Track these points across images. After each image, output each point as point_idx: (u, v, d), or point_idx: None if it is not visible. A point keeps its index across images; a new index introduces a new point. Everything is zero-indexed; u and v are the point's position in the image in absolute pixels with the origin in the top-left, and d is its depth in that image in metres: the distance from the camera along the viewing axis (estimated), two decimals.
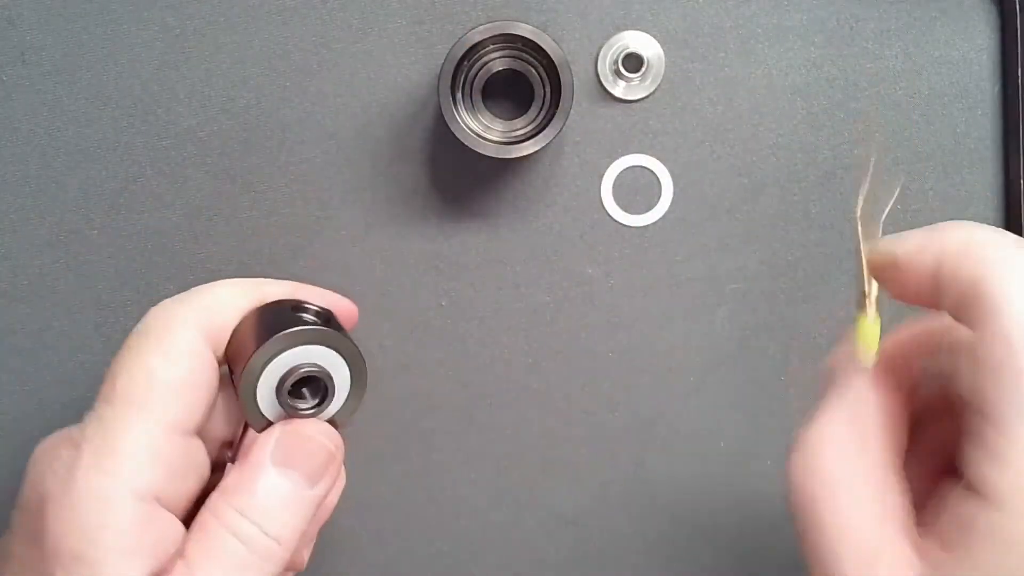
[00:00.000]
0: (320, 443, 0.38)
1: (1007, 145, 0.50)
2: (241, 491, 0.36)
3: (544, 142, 0.45)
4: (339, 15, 0.49)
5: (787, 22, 0.50)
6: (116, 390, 0.36)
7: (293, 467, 0.37)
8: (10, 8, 0.49)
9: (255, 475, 0.37)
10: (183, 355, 0.36)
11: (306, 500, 0.37)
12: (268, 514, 0.36)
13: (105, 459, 0.35)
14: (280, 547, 0.36)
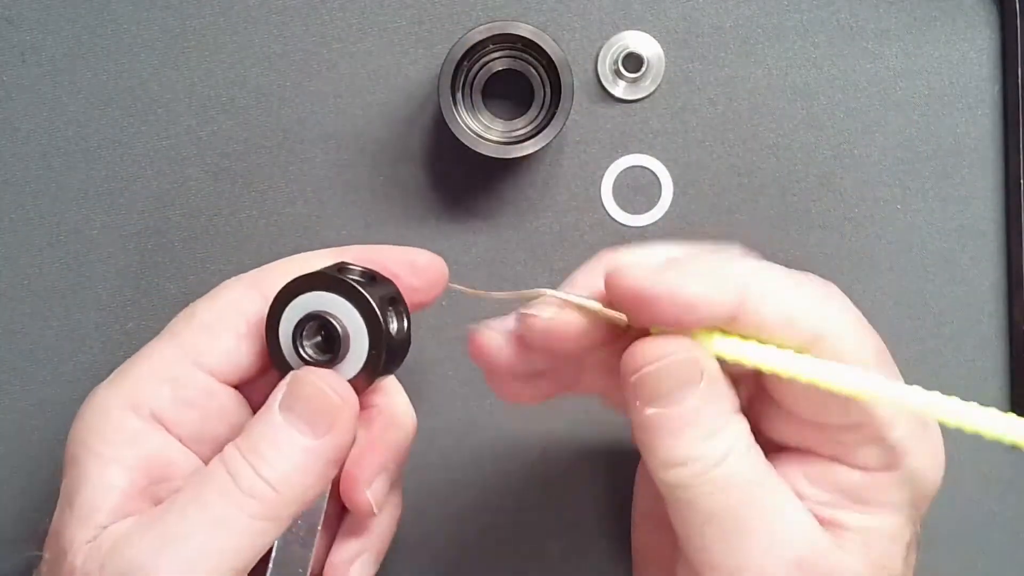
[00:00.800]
0: (321, 391, 0.37)
1: (1007, 145, 0.50)
2: (246, 432, 0.36)
3: (544, 142, 0.45)
4: (339, 15, 0.49)
5: (787, 22, 0.50)
6: (165, 330, 0.39)
7: (296, 413, 0.36)
8: (10, 8, 0.49)
9: (260, 417, 0.37)
10: (228, 304, 0.38)
11: (308, 450, 0.36)
12: (263, 455, 0.35)
13: (120, 375, 0.38)
14: (272, 491, 0.35)
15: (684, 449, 0.33)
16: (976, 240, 0.50)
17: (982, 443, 0.50)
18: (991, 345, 0.51)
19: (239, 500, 0.35)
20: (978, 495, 0.51)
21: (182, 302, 0.49)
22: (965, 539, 0.51)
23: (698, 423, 0.33)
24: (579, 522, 0.51)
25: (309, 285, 0.37)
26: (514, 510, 0.51)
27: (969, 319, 0.51)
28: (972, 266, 0.50)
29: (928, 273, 0.50)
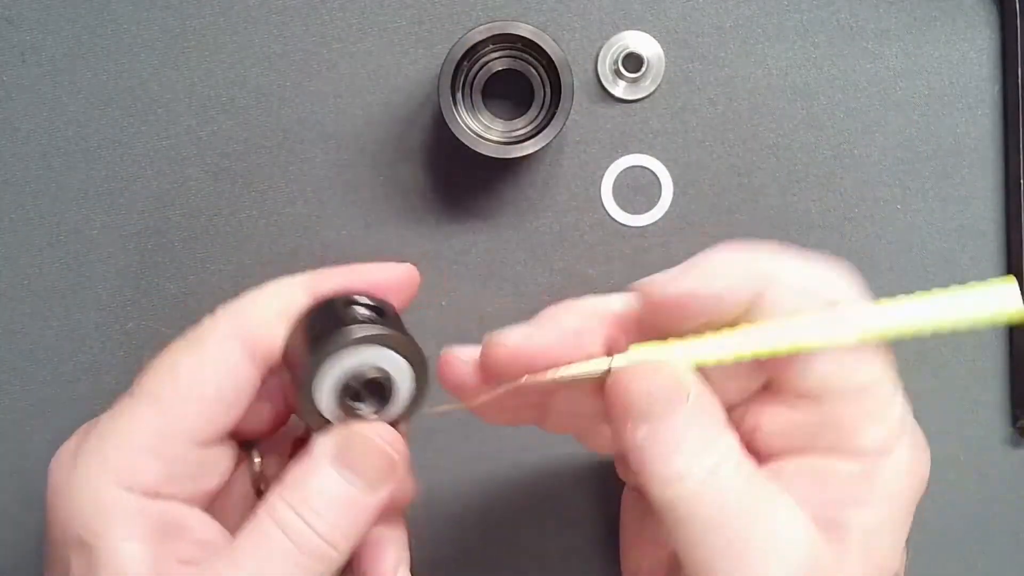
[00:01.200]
0: (380, 447, 0.36)
1: (1007, 145, 0.50)
2: (296, 487, 0.36)
3: (544, 142, 0.45)
4: (339, 15, 0.50)
5: (787, 22, 0.50)
6: (140, 385, 0.36)
7: (351, 469, 0.36)
8: (10, 8, 0.49)
9: (311, 472, 0.36)
10: (213, 362, 0.36)
11: (363, 505, 0.36)
12: (320, 513, 0.35)
13: (99, 443, 0.35)
14: (332, 550, 0.35)
15: (677, 465, 0.33)
16: (976, 240, 0.50)
17: (982, 443, 0.51)
18: (991, 345, 0.51)
19: (301, 561, 0.35)
20: (978, 495, 0.51)
21: (182, 302, 0.49)
22: (965, 539, 0.51)
23: (689, 438, 0.33)
24: (580, 521, 0.51)
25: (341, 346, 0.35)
26: (515, 508, 0.51)
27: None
28: (972, 266, 0.50)
29: (928, 273, 0.50)
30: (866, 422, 0.34)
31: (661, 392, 0.34)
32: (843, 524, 0.34)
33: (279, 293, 0.38)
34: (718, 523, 0.33)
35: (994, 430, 0.51)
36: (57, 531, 0.35)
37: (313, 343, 0.35)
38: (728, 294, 0.34)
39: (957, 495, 0.51)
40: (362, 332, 0.35)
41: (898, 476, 0.34)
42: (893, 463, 0.34)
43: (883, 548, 0.34)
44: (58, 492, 0.35)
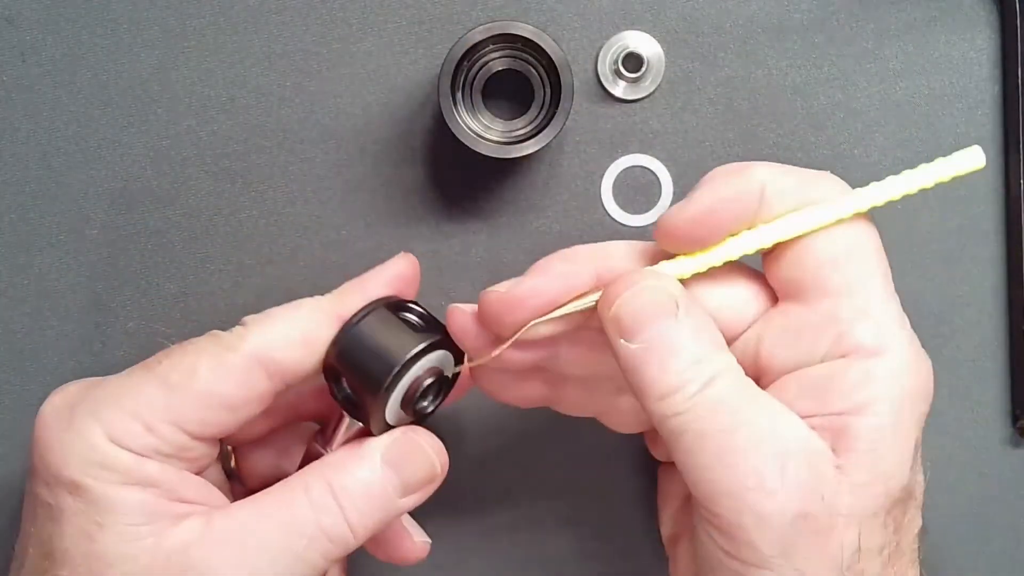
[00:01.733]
0: (429, 457, 0.39)
1: (1007, 145, 0.50)
2: (340, 470, 0.37)
3: (544, 142, 0.45)
4: (339, 15, 0.50)
5: (787, 22, 0.50)
6: (158, 366, 0.37)
7: (397, 471, 0.38)
8: (10, 8, 0.49)
9: (359, 462, 0.37)
10: (231, 377, 0.37)
11: (393, 506, 0.38)
12: (354, 501, 0.37)
13: (98, 401, 0.36)
14: (352, 537, 0.37)
15: (671, 377, 0.34)
16: (976, 241, 0.50)
17: (982, 443, 0.51)
18: (991, 345, 0.51)
19: (319, 541, 0.36)
20: (978, 495, 0.51)
21: (182, 302, 0.49)
22: (965, 539, 0.51)
23: (682, 351, 0.34)
24: (580, 521, 0.51)
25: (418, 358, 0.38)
26: (515, 508, 0.51)
27: (969, 319, 0.51)
28: (972, 266, 0.50)
29: (928, 273, 0.50)
30: (858, 316, 0.35)
31: (650, 305, 0.35)
32: (847, 432, 0.34)
33: (305, 317, 0.39)
34: (713, 432, 0.34)
35: (994, 430, 0.51)
36: (48, 474, 0.36)
37: (388, 355, 0.37)
38: (736, 204, 0.36)
39: (957, 495, 0.51)
40: (429, 339, 0.38)
41: (896, 377, 0.35)
42: (889, 363, 0.35)
43: (889, 456, 0.35)
44: (52, 438, 0.36)
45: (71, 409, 0.37)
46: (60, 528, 0.36)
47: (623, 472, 0.51)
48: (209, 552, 0.35)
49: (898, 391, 0.35)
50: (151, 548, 0.35)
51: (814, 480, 0.34)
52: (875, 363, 0.35)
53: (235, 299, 0.50)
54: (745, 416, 0.34)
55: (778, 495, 0.33)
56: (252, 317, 0.39)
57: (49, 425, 0.37)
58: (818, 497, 0.34)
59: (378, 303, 0.39)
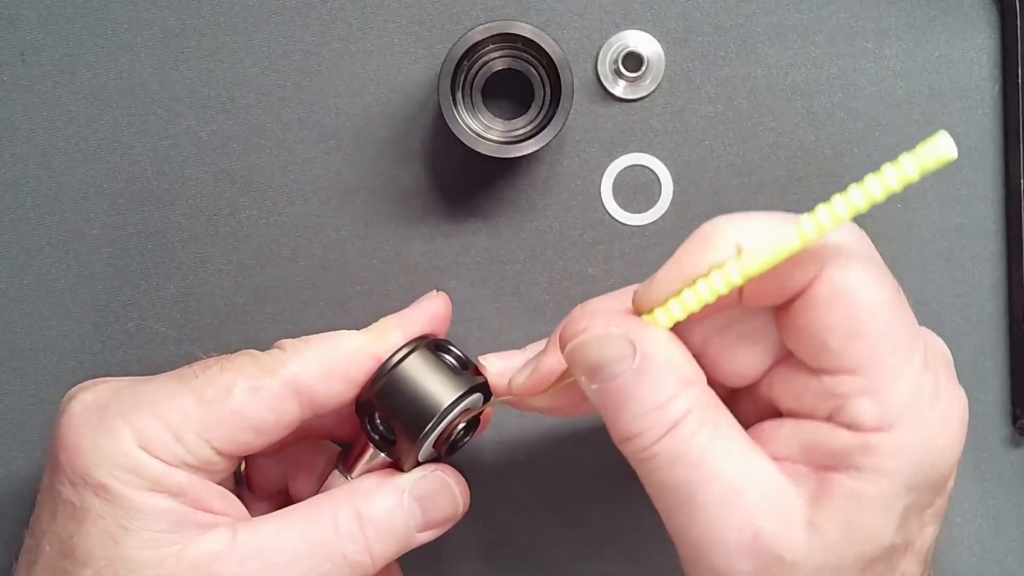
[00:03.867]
0: (455, 500, 0.40)
1: (1007, 145, 0.50)
2: (368, 500, 0.38)
3: (544, 141, 0.45)
4: (339, 15, 0.50)
5: (787, 21, 0.50)
6: (193, 379, 0.37)
7: (422, 506, 0.39)
8: (10, 8, 0.49)
9: (388, 494, 0.38)
10: (265, 405, 0.37)
11: (411, 540, 0.39)
12: (379, 532, 0.37)
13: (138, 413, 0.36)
14: (371, 566, 0.37)
15: (626, 424, 0.34)
16: (976, 240, 0.50)
17: (982, 443, 0.51)
18: (991, 345, 0.51)
19: (340, 566, 0.37)
20: (978, 495, 0.51)
21: (182, 302, 0.49)
22: (965, 539, 0.51)
23: (636, 398, 0.33)
24: (580, 521, 0.51)
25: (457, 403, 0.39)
26: (514, 508, 0.51)
27: (969, 319, 0.51)
28: (972, 266, 0.50)
29: (928, 273, 0.50)
30: (860, 396, 0.33)
31: (604, 346, 0.34)
32: (828, 487, 0.33)
33: (344, 349, 0.39)
34: (678, 485, 0.33)
35: (994, 430, 0.51)
36: (75, 473, 0.36)
37: (430, 401, 0.38)
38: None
39: (957, 495, 0.51)
40: (469, 384, 0.39)
41: (896, 454, 0.33)
42: (892, 441, 0.33)
43: (870, 522, 0.33)
44: (81, 437, 0.36)
45: (101, 410, 0.37)
46: (84, 528, 0.36)
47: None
48: (233, 565, 0.36)
49: (893, 467, 0.33)
50: (176, 555, 0.35)
51: (775, 539, 0.33)
52: (876, 437, 0.33)
53: (235, 299, 0.50)
54: (711, 468, 0.33)
55: (731, 554, 0.33)
56: (290, 342, 0.39)
57: (78, 425, 0.37)
58: (776, 558, 0.33)
59: (418, 342, 0.40)
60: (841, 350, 0.33)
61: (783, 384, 0.36)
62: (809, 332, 0.34)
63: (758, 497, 0.33)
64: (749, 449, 0.34)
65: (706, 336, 0.36)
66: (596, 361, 0.34)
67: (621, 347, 0.34)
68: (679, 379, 0.34)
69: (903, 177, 0.32)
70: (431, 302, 0.42)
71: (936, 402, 0.34)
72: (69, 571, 0.36)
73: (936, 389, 0.34)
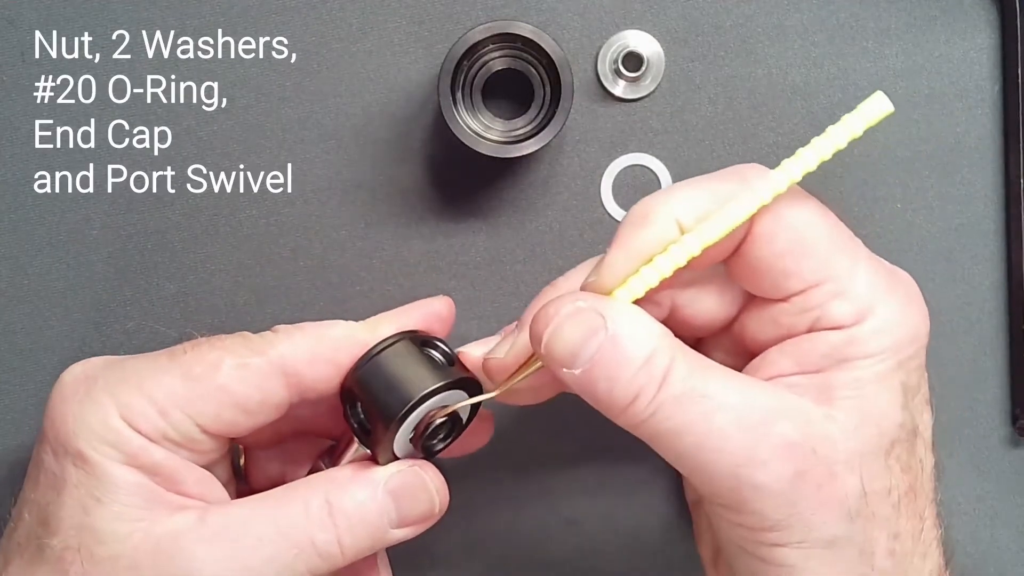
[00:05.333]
0: (430, 497, 0.39)
1: (1007, 145, 0.50)
2: (341, 489, 0.37)
3: (544, 141, 0.45)
4: (339, 15, 0.50)
5: (787, 21, 0.50)
6: (183, 356, 0.38)
7: (396, 502, 0.38)
8: (10, 8, 0.49)
9: (362, 486, 0.38)
10: (251, 383, 0.38)
11: (385, 536, 0.38)
12: (350, 523, 0.37)
13: (119, 382, 0.37)
14: (340, 556, 0.37)
15: (625, 388, 0.34)
16: (976, 240, 0.50)
17: (982, 443, 0.51)
18: (991, 345, 0.51)
19: (308, 554, 0.36)
20: (978, 495, 0.51)
21: (182, 302, 0.49)
22: (965, 539, 0.51)
23: (624, 362, 0.34)
24: (580, 520, 0.51)
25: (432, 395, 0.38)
26: (513, 508, 0.51)
27: (969, 319, 0.51)
28: (972, 266, 0.50)
29: (928, 273, 0.50)
30: (829, 299, 0.36)
31: (576, 330, 0.35)
32: (829, 385, 0.35)
33: (334, 336, 0.39)
34: (687, 426, 0.34)
35: (994, 430, 0.51)
36: (57, 442, 0.37)
37: (404, 388, 0.38)
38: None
39: (957, 495, 0.51)
40: (447, 377, 0.38)
41: (879, 334, 0.35)
42: (872, 326, 0.35)
43: (877, 402, 0.35)
44: (66, 408, 0.37)
45: (89, 381, 0.37)
46: (60, 497, 0.36)
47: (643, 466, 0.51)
48: (198, 545, 0.35)
49: (880, 347, 0.35)
50: (143, 531, 0.35)
51: (802, 436, 0.34)
52: (857, 329, 0.35)
53: (235, 299, 0.50)
54: (714, 400, 0.34)
55: (769, 463, 0.34)
56: (284, 327, 0.39)
57: (65, 395, 0.37)
58: (810, 451, 0.34)
59: (404, 335, 0.39)
60: (799, 270, 0.36)
61: (755, 323, 0.38)
62: (764, 267, 0.36)
63: (772, 409, 0.34)
64: (742, 377, 0.36)
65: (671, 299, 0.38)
66: (572, 346, 0.35)
67: (592, 320, 0.35)
68: (653, 334, 0.35)
69: (849, 134, 0.35)
70: (431, 301, 0.42)
71: (896, 282, 0.37)
72: (41, 539, 0.36)
73: (889, 273, 0.37)
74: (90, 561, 0.35)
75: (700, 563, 0.44)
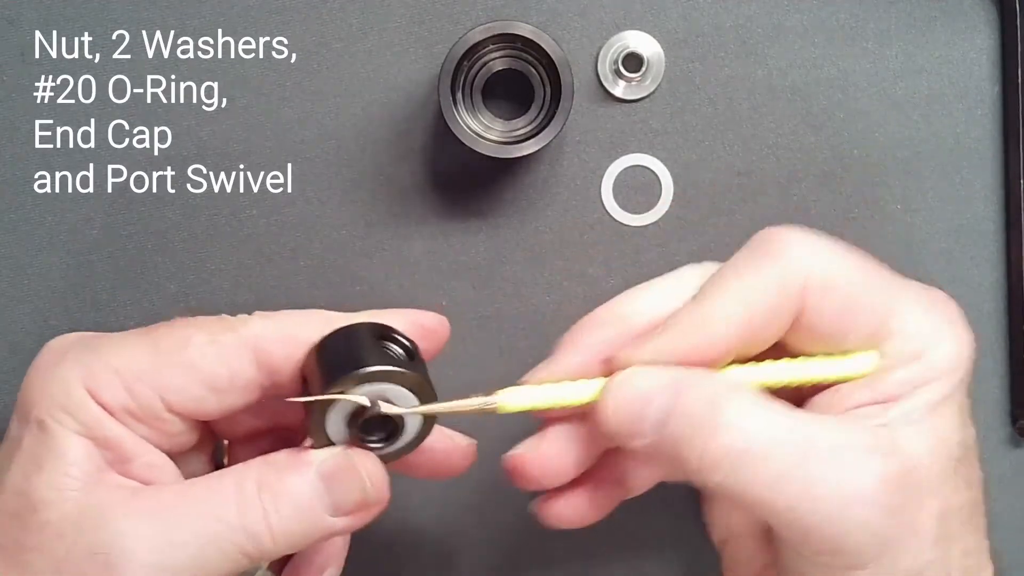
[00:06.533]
0: (362, 485, 0.37)
1: (1007, 145, 0.50)
2: (274, 471, 0.37)
3: (544, 142, 0.46)
4: (339, 15, 0.50)
5: (787, 22, 0.50)
6: (156, 333, 0.38)
7: (329, 490, 0.37)
8: (10, 8, 0.49)
9: (294, 470, 0.37)
10: (219, 360, 0.37)
11: (320, 523, 0.37)
12: (279, 506, 0.36)
13: (88, 352, 0.37)
14: (272, 544, 0.36)
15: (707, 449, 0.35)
16: (976, 240, 0.50)
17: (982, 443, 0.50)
18: (991, 345, 0.51)
19: (236, 532, 0.36)
20: None
21: (182, 302, 0.49)
22: None
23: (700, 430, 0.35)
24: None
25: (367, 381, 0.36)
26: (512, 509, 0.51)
27: (969, 319, 0.50)
28: (972, 266, 0.50)
29: (928, 273, 0.50)
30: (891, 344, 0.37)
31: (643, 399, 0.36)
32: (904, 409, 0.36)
33: (308, 321, 0.38)
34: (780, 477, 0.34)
35: (994, 430, 0.51)
36: (23, 410, 0.37)
37: (336, 368, 0.36)
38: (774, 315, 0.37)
39: None
40: (386, 368, 0.36)
41: (939, 361, 0.36)
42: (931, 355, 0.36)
43: (945, 423, 0.36)
44: (37, 376, 0.37)
45: (62, 353, 0.38)
46: (10, 463, 0.36)
47: None
48: (126, 519, 0.35)
49: (939, 371, 0.36)
50: (73, 500, 0.35)
51: (895, 469, 0.34)
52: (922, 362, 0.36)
53: (235, 299, 0.50)
54: (805, 446, 0.34)
55: (869, 502, 0.34)
56: (263, 312, 0.39)
57: (38, 366, 0.38)
58: (903, 483, 0.34)
59: (367, 324, 0.38)
60: (855, 327, 0.36)
61: None
62: (820, 336, 0.37)
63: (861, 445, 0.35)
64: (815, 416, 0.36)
65: None
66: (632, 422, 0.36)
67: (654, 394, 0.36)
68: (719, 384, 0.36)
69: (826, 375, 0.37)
70: (424, 312, 0.41)
71: (940, 306, 0.38)
72: None
73: (932, 299, 0.38)
74: (21, 527, 0.35)
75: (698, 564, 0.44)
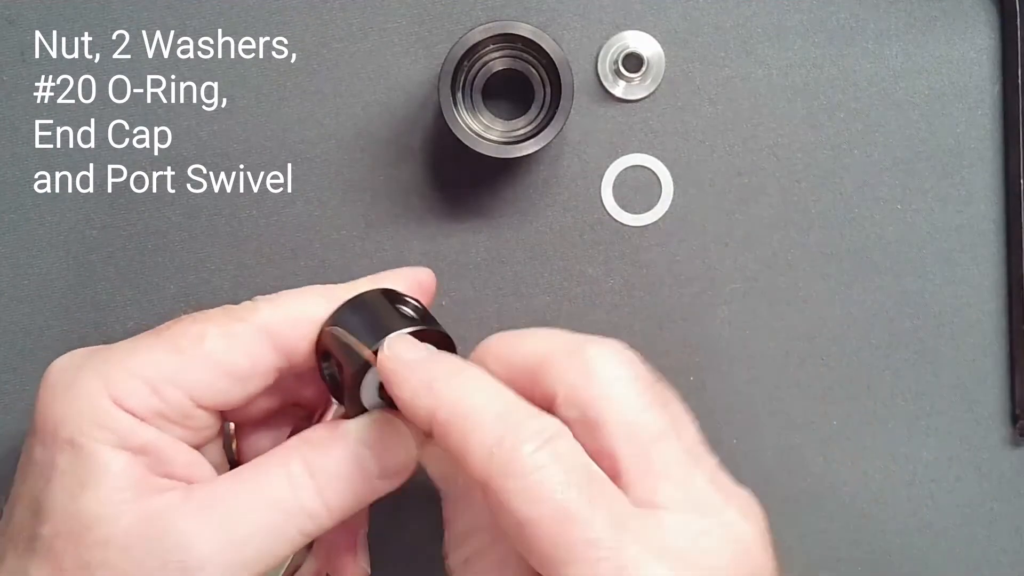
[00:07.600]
0: (408, 441, 0.38)
1: (1007, 145, 0.50)
2: (318, 448, 0.37)
3: (544, 142, 0.45)
4: (339, 15, 0.50)
5: (787, 22, 0.50)
6: (168, 332, 0.38)
7: (374, 453, 0.37)
8: (10, 8, 0.49)
9: (336, 442, 0.37)
10: (237, 346, 0.37)
11: (372, 488, 0.38)
12: (330, 480, 0.37)
13: (105, 364, 0.37)
14: (328, 518, 0.37)
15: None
16: (976, 240, 0.50)
17: (982, 443, 0.51)
18: (991, 345, 0.51)
19: (295, 515, 0.36)
20: (978, 495, 0.51)
21: (182, 302, 0.49)
22: (965, 539, 0.51)
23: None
24: None
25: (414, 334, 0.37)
26: None
27: (969, 319, 0.51)
28: (972, 266, 0.50)
29: (928, 273, 0.50)
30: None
31: None
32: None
33: (313, 298, 0.39)
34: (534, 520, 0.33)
35: (994, 430, 0.51)
36: (46, 432, 0.36)
37: (368, 336, 0.37)
38: None
39: (957, 495, 0.51)
40: (415, 326, 0.37)
41: None
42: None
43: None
44: (55, 396, 0.37)
45: (76, 369, 0.37)
46: (50, 486, 0.36)
47: None
48: (188, 520, 0.35)
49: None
50: (130, 512, 0.35)
51: None
52: None
53: (235, 299, 0.49)
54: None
55: None
56: (263, 296, 0.39)
57: (52, 385, 0.37)
58: None
59: (377, 290, 0.39)
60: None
61: None
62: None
63: None
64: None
65: None
66: None
67: None
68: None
69: None
70: (413, 268, 0.41)
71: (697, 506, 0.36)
72: (33, 529, 0.36)
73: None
74: (81, 547, 0.35)
75: None
